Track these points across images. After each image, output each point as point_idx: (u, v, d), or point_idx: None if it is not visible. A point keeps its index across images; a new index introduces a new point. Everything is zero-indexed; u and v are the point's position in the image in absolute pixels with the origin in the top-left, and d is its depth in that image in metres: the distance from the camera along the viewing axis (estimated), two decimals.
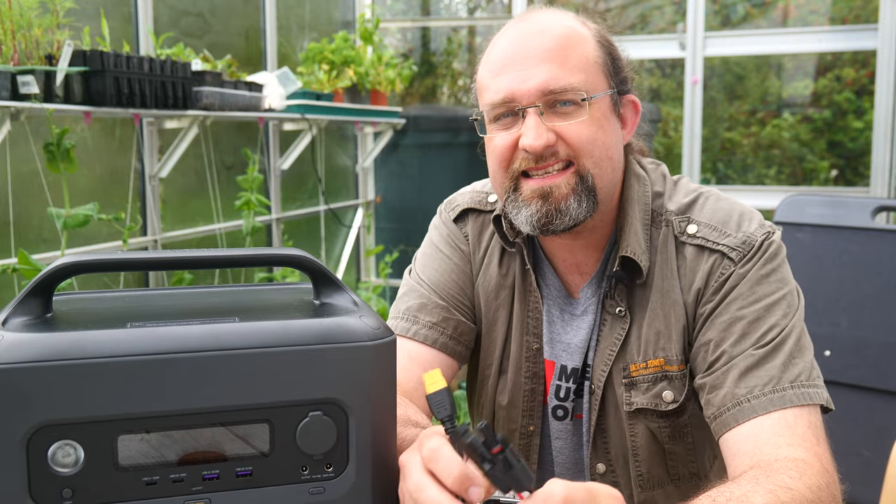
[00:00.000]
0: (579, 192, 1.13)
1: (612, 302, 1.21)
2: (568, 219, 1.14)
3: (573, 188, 1.13)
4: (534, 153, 1.12)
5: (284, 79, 3.47)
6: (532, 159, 1.13)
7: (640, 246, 1.18)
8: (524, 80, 1.12)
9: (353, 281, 4.63)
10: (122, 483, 0.73)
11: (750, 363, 1.08)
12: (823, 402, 1.07)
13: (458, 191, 1.40)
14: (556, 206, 1.13)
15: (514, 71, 1.13)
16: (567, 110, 1.13)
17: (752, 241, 1.15)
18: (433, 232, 1.38)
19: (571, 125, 1.13)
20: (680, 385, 1.18)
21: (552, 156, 1.13)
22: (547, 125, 1.12)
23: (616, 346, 1.20)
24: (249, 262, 0.87)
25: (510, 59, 1.14)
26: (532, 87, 1.12)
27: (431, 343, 1.25)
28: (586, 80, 1.14)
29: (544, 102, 1.12)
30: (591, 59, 1.15)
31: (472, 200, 1.35)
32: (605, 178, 1.16)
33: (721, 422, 1.08)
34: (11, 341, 0.71)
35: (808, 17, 4.51)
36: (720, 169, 4.61)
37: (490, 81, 1.16)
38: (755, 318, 1.11)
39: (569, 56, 1.13)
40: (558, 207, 1.13)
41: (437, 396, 0.79)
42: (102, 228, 2.78)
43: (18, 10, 2.21)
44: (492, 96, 1.15)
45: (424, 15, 5.22)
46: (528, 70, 1.12)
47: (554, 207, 1.13)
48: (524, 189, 1.15)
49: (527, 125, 1.12)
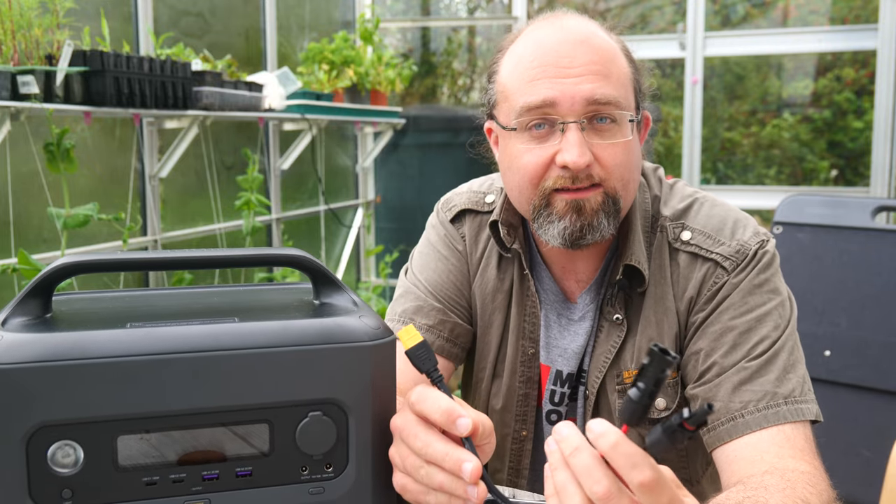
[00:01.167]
0: (609, 210, 1.11)
1: (610, 309, 1.20)
2: (598, 234, 1.12)
3: (602, 205, 1.11)
4: (576, 170, 1.08)
5: (284, 79, 3.47)
6: (569, 178, 1.09)
7: (644, 254, 1.17)
8: (568, 90, 1.08)
9: (353, 281, 4.62)
10: (122, 483, 0.73)
11: (743, 377, 1.08)
12: (814, 417, 1.07)
13: (455, 190, 1.39)
14: (589, 220, 1.11)
15: (556, 77, 1.09)
16: (605, 127, 1.10)
17: (745, 249, 1.14)
18: (430, 231, 1.37)
19: (608, 147, 1.10)
20: (672, 392, 1.18)
21: (587, 178, 1.10)
22: (587, 142, 1.09)
23: (612, 353, 1.20)
24: (249, 262, 0.87)
25: (551, 65, 1.09)
26: (577, 98, 1.07)
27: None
28: (626, 97, 1.11)
29: (587, 118, 1.09)
30: (627, 75, 1.13)
31: (469, 201, 1.33)
32: (628, 199, 1.15)
33: (715, 435, 1.07)
34: (11, 341, 0.71)
35: (808, 17, 4.51)
36: (720, 169, 4.60)
37: (524, 85, 1.11)
38: (746, 329, 1.10)
39: (611, 71, 1.10)
40: (591, 223, 1.11)
41: (417, 350, 0.81)
42: (102, 228, 2.78)
43: (18, 10, 2.21)
44: (528, 100, 1.10)
45: (424, 15, 5.21)
46: (572, 79, 1.08)
47: (587, 223, 1.11)
48: (557, 202, 1.11)
49: (568, 140, 1.08)
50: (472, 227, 1.32)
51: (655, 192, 1.24)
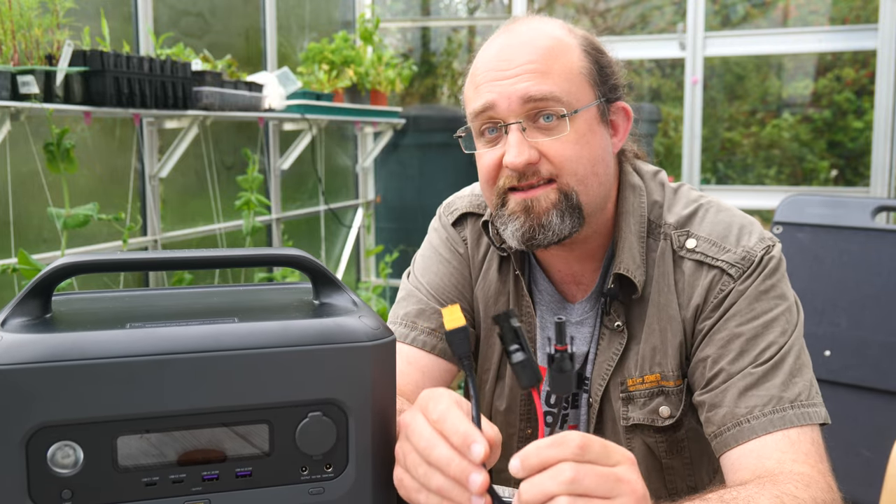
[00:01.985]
0: (562, 208, 1.12)
1: (609, 317, 1.20)
2: (551, 234, 1.12)
3: (554, 203, 1.12)
4: (515, 170, 1.11)
5: (284, 79, 3.47)
6: (515, 177, 1.12)
7: (635, 261, 1.17)
8: (505, 91, 1.11)
9: (353, 281, 4.62)
10: (122, 484, 0.73)
11: (749, 382, 1.08)
12: (822, 420, 1.07)
13: (457, 193, 1.39)
14: (539, 220, 1.12)
15: (495, 80, 1.12)
16: (549, 125, 1.11)
17: (751, 256, 1.14)
18: (432, 234, 1.37)
19: (554, 142, 1.11)
20: (676, 400, 1.18)
21: (534, 174, 1.12)
22: (529, 141, 1.11)
23: (614, 361, 1.20)
24: (249, 262, 0.87)
25: (492, 70, 1.13)
26: (513, 98, 1.11)
27: (430, 349, 1.25)
28: (569, 92, 1.12)
29: (526, 116, 1.11)
30: (576, 70, 1.14)
31: (470, 205, 1.34)
32: (590, 194, 1.14)
33: (721, 441, 1.07)
34: (11, 342, 0.71)
35: (808, 17, 4.51)
36: (720, 169, 4.60)
37: (473, 93, 1.16)
38: (753, 336, 1.10)
39: (551, 67, 1.12)
40: (540, 222, 1.12)
41: (457, 334, 0.79)
42: (102, 228, 2.78)
43: (18, 10, 2.21)
44: (473, 106, 1.15)
45: (424, 15, 5.22)
46: (509, 80, 1.11)
47: (536, 223, 1.12)
48: (510, 202, 1.14)
49: (509, 142, 1.11)
50: (473, 230, 1.33)
51: (656, 197, 1.23)
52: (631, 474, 0.71)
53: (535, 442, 0.71)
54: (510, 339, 0.76)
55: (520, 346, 0.76)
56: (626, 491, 0.69)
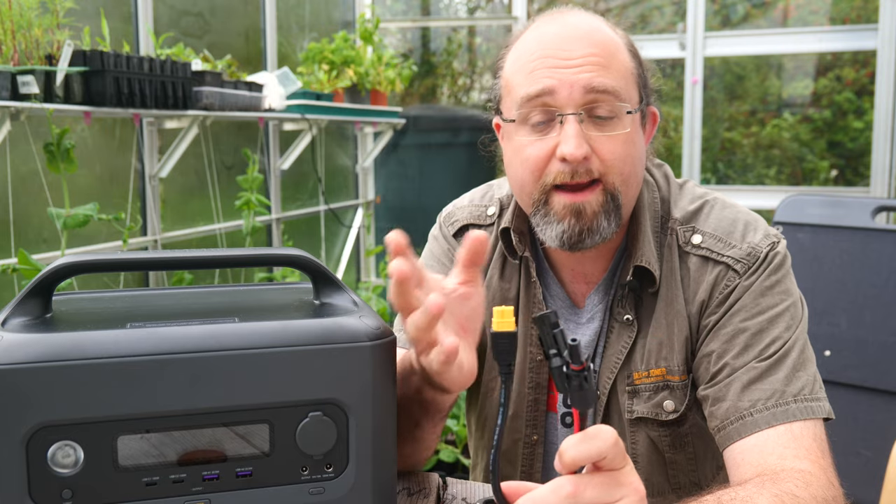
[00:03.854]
0: (609, 209, 1.11)
1: (620, 310, 1.20)
2: (598, 237, 1.12)
3: (602, 205, 1.11)
4: (574, 162, 1.08)
5: (284, 79, 3.47)
6: (568, 173, 1.09)
7: (654, 255, 1.17)
8: (567, 79, 1.08)
9: (353, 281, 4.62)
10: (122, 483, 0.73)
11: (752, 376, 1.08)
12: (826, 415, 1.07)
13: (456, 202, 1.38)
14: (588, 224, 1.11)
15: (555, 67, 1.09)
16: (604, 121, 1.10)
17: (756, 252, 1.14)
18: (433, 243, 1.36)
19: (608, 139, 1.09)
20: (681, 395, 1.18)
21: (585, 172, 1.09)
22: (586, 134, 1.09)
23: (623, 354, 1.19)
24: (249, 262, 0.87)
25: (551, 56, 1.10)
26: (576, 87, 1.08)
27: None
28: (626, 90, 1.11)
29: (585, 109, 1.09)
30: (629, 69, 1.13)
31: (470, 216, 1.33)
32: (630, 195, 1.14)
33: (724, 434, 1.07)
34: (11, 342, 0.71)
35: (808, 17, 4.51)
36: (720, 169, 4.60)
37: (524, 77, 1.11)
38: (758, 331, 1.10)
39: (612, 63, 1.10)
40: (590, 226, 1.11)
41: (505, 339, 0.76)
42: (102, 228, 2.78)
43: (18, 10, 2.20)
44: (526, 90, 1.10)
45: (424, 15, 5.22)
46: (572, 69, 1.08)
47: (586, 227, 1.11)
48: (556, 203, 1.12)
49: (566, 133, 1.08)
50: None
51: (663, 192, 1.23)
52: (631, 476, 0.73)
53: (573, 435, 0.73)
54: (549, 343, 0.73)
55: (558, 353, 0.73)
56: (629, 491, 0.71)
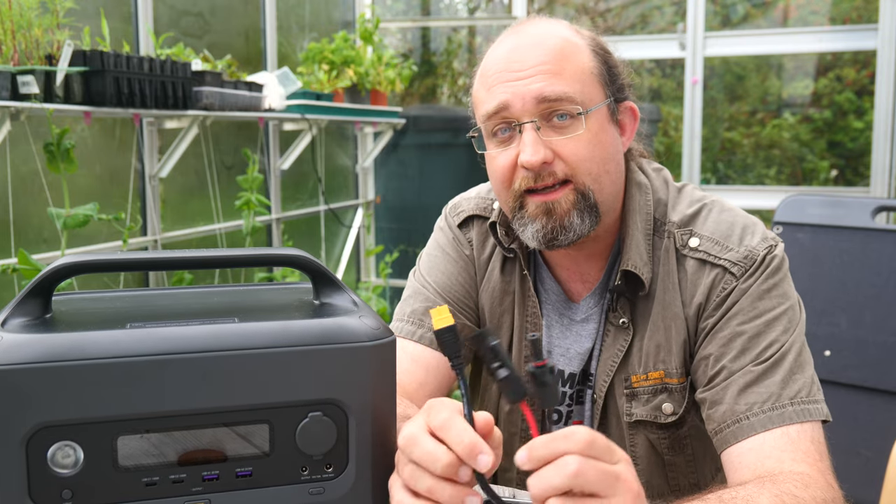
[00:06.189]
0: (581, 208, 1.13)
1: (615, 313, 1.20)
2: (572, 234, 1.14)
3: (573, 204, 1.13)
4: (532, 169, 1.12)
5: (284, 79, 3.47)
6: (531, 178, 1.13)
7: (642, 258, 1.18)
8: (519, 91, 1.12)
9: (353, 281, 4.62)
10: (122, 484, 0.73)
11: (749, 379, 1.08)
12: (823, 417, 1.07)
13: (464, 194, 1.40)
14: (560, 222, 1.13)
15: (508, 81, 1.13)
16: (563, 124, 1.12)
17: (754, 255, 1.14)
18: (438, 234, 1.38)
19: (568, 142, 1.12)
20: (679, 398, 1.18)
21: (550, 175, 1.13)
22: (544, 140, 1.12)
23: (618, 357, 1.20)
24: (249, 262, 0.87)
25: (504, 70, 1.14)
26: (527, 98, 1.11)
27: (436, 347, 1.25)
28: (582, 91, 1.13)
29: (540, 116, 1.12)
30: (587, 70, 1.15)
31: (476, 207, 1.35)
32: (604, 193, 1.16)
33: (722, 438, 1.08)
34: (11, 342, 0.71)
35: (808, 17, 4.51)
36: (720, 169, 4.60)
37: (485, 94, 1.16)
38: (755, 334, 1.11)
39: (564, 67, 1.13)
40: (562, 224, 1.13)
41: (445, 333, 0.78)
42: (102, 228, 2.78)
43: (18, 10, 2.20)
44: (486, 107, 1.15)
45: (424, 15, 5.22)
46: (523, 81, 1.12)
47: (559, 224, 1.13)
48: (529, 205, 1.15)
49: (524, 141, 1.12)
50: (479, 232, 1.33)
51: (660, 194, 1.24)
52: (629, 473, 0.72)
53: (542, 436, 0.71)
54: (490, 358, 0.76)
55: (501, 364, 0.76)
56: (624, 489, 0.70)
